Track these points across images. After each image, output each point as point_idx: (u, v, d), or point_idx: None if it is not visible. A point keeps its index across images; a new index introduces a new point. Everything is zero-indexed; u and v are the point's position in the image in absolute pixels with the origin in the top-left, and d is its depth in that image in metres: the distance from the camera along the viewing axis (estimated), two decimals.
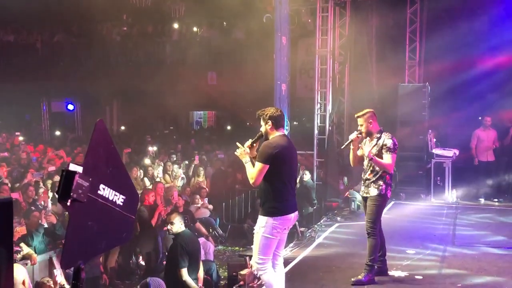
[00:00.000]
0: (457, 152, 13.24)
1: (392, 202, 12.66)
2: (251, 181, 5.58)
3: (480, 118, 14.34)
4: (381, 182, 6.87)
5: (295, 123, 17.59)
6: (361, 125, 6.99)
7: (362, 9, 15.31)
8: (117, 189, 1.92)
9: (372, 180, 6.93)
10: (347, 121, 15.35)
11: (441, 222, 10.74)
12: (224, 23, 20.86)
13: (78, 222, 1.81)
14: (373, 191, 6.90)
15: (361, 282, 6.89)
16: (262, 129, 5.69)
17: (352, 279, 6.98)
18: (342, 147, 7.50)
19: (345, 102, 15.37)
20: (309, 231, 9.95)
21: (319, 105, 14.90)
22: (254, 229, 5.73)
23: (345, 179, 14.65)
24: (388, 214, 11.59)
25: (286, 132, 12.14)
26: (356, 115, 7.13)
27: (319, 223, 10.94)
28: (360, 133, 7.06)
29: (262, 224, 5.52)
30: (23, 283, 5.59)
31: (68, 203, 1.68)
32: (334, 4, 14.92)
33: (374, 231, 6.96)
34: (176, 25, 21.98)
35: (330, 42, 14.87)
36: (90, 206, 1.78)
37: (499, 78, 14.04)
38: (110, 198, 1.90)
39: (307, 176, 13.01)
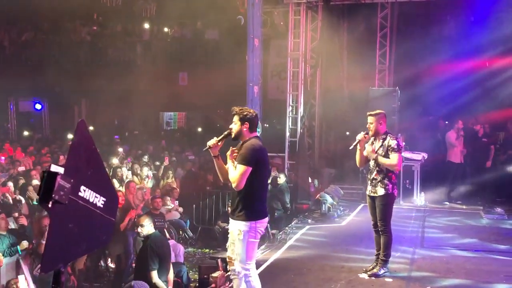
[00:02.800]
0: (425, 155, 13.42)
1: (362, 205, 12.77)
2: (234, 184, 5.40)
3: (446, 122, 14.57)
4: (387, 182, 7.14)
5: (266, 125, 17.61)
6: (371, 124, 7.24)
7: (334, 13, 15.45)
8: (98, 191, 1.89)
9: (378, 180, 7.19)
10: (318, 123, 15.45)
11: (410, 225, 10.85)
12: (198, 23, 20.75)
13: (59, 224, 1.77)
14: (380, 191, 7.20)
15: (377, 274, 7.28)
16: (235, 127, 5.54)
17: (368, 272, 7.33)
18: (350, 148, 7.55)
19: (316, 105, 15.47)
20: (280, 233, 9.95)
21: (290, 107, 14.96)
22: (232, 234, 5.53)
23: (316, 181, 14.73)
24: (358, 217, 11.71)
25: (258, 135, 12.21)
26: (368, 113, 7.33)
27: (290, 225, 10.95)
28: (367, 133, 7.29)
29: (245, 229, 5.38)
30: None
31: (50, 205, 1.64)
32: (306, 7, 15.02)
33: (386, 228, 7.33)
34: (147, 25, 21.81)
35: (302, 45, 14.96)
36: (71, 208, 1.75)
37: (468, 82, 14.29)
38: (91, 200, 1.86)
39: (281, 179, 13.00)
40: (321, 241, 9.57)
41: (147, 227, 7.73)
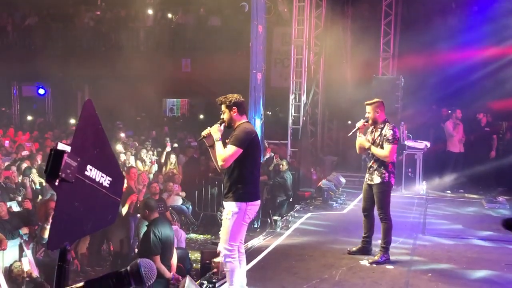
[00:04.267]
0: (428, 144, 13.43)
1: None
2: (220, 163, 5.49)
3: (449, 111, 14.57)
4: (383, 170, 7.23)
5: (269, 112, 17.60)
6: (369, 113, 7.28)
7: (338, 0, 15.38)
8: (104, 171, 1.90)
9: (375, 167, 7.29)
10: (321, 111, 15.44)
11: (411, 213, 10.89)
12: (201, 9, 20.67)
13: (66, 203, 1.78)
14: (377, 179, 7.29)
15: (378, 262, 7.34)
16: (225, 116, 5.61)
17: (370, 260, 7.39)
18: (349, 135, 7.63)
19: (319, 93, 15.45)
20: (282, 220, 9.98)
21: (293, 95, 14.94)
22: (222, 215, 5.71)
23: (318, 169, 14.74)
24: (359, 205, 11.70)
25: (260, 122, 12.23)
26: (365, 103, 7.36)
27: (292, 212, 10.98)
28: (367, 121, 7.34)
29: (235, 210, 5.45)
30: None
31: (56, 183, 1.65)
32: None
33: (385, 216, 7.42)
34: (150, 11, 21.72)
35: (306, 32, 14.92)
36: (77, 187, 1.76)
37: (472, 72, 14.25)
38: (97, 180, 1.87)
39: (284, 167, 13.02)
40: (323, 228, 9.60)
41: (150, 212, 7.75)
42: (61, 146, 1.68)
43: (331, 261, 7.53)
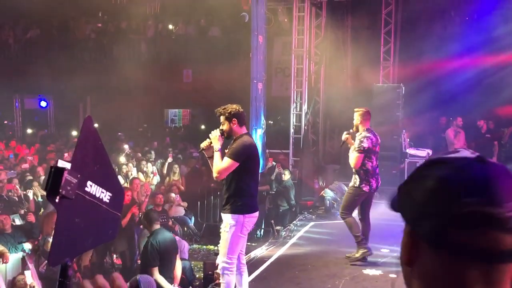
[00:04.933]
0: (430, 152, 13.43)
1: None
2: (215, 174, 5.53)
3: (451, 118, 14.58)
4: (357, 176, 7.66)
5: (270, 122, 17.64)
6: (354, 120, 7.76)
7: (338, 10, 15.46)
8: (104, 186, 1.91)
9: (354, 171, 7.74)
10: (322, 120, 15.46)
11: None
12: (202, 20, 20.77)
13: (66, 219, 1.79)
14: (351, 182, 7.82)
15: (358, 258, 7.69)
16: (224, 127, 5.59)
17: (350, 259, 7.78)
18: (340, 146, 8.63)
19: (320, 102, 15.48)
20: (285, 230, 9.98)
21: (295, 104, 14.98)
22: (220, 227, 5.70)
23: (320, 178, 14.75)
24: None
25: (261, 131, 12.25)
26: (354, 109, 7.88)
27: (294, 222, 10.98)
28: (348, 133, 7.78)
29: (232, 222, 5.45)
30: None
31: (57, 200, 1.67)
32: (310, 4, 15.03)
33: (343, 215, 7.82)
34: (151, 22, 21.84)
35: (306, 42, 14.98)
36: (78, 203, 1.77)
37: (473, 79, 14.26)
38: (97, 195, 1.88)
39: (286, 176, 13.03)
40: (326, 238, 9.60)
41: (151, 224, 7.74)
42: (61, 163, 1.69)
43: (334, 270, 7.52)
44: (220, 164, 5.48)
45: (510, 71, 14.32)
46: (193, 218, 12.64)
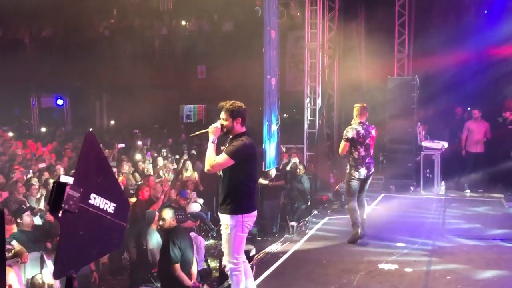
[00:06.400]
0: (446, 144, 13.34)
1: (382, 195, 12.77)
2: (207, 167, 5.50)
3: (469, 108, 14.46)
4: (348, 163, 8.87)
5: (285, 115, 17.62)
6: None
7: (351, 2, 15.35)
8: (108, 197, 1.94)
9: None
10: (337, 114, 15.40)
11: (430, 215, 10.82)
12: (215, 16, 20.78)
13: (70, 232, 1.83)
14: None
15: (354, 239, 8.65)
16: (226, 123, 5.54)
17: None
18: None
19: (334, 96, 15.42)
20: (300, 225, 9.99)
21: (308, 98, 14.95)
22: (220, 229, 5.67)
23: (335, 173, 14.71)
24: (378, 207, 11.69)
25: (276, 127, 12.24)
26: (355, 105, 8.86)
27: (309, 217, 10.98)
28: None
29: (232, 223, 5.43)
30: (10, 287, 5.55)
31: (60, 214, 1.70)
32: None
33: (346, 201, 9.16)
34: (164, 19, 21.89)
35: (319, 36, 14.92)
36: (81, 215, 1.80)
37: (488, 71, 14.12)
38: (101, 207, 1.92)
39: (301, 171, 13.02)
40: (341, 233, 9.56)
41: (168, 221, 7.80)
42: (64, 179, 1.73)
43: (350, 266, 7.52)
44: (215, 158, 5.46)
45: None
46: (209, 213, 12.68)
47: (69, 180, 1.74)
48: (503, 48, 14.14)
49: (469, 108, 14.53)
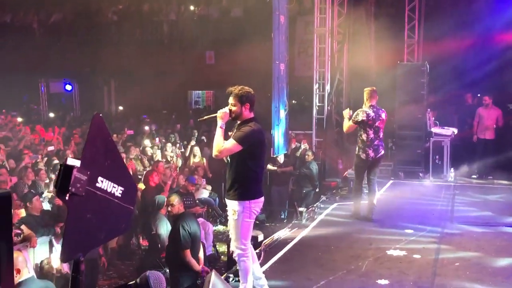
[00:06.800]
0: (455, 131, 13.27)
1: (391, 181, 12.73)
2: (215, 153, 5.46)
3: (479, 95, 14.35)
4: (356, 145, 9.17)
5: (294, 101, 17.56)
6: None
7: None
8: (116, 181, 1.93)
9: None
10: (346, 100, 15.32)
11: (439, 201, 10.77)
12: (223, 1, 20.67)
13: (77, 215, 1.82)
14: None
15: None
16: (235, 109, 5.49)
17: None
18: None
19: (343, 82, 15.33)
20: (308, 211, 9.97)
21: (317, 84, 14.86)
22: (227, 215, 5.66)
23: (344, 159, 14.66)
24: (386, 194, 11.65)
25: (284, 113, 12.20)
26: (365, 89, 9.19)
27: (318, 203, 10.96)
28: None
29: (240, 209, 5.41)
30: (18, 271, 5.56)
31: (67, 197, 1.69)
32: None
33: (354, 183, 9.48)
34: (173, 4, 21.81)
35: (328, 21, 14.78)
36: (88, 199, 1.79)
37: (499, 57, 13.98)
38: (109, 190, 1.91)
39: (309, 157, 13.01)
40: (349, 219, 9.54)
41: (177, 207, 7.80)
42: (70, 161, 1.71)
43: (358, 252, 7.51)
44: (223, 143, 5.43)
45: None
46: (217, 199, 12.70)
47: (76, 163, 1.73)
48: None
49: (479, 95, 14.42)
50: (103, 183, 1.86)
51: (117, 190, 1.95)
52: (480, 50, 14.12)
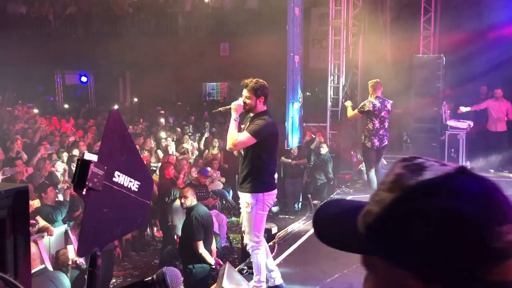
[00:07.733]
0: (471, 123, 13.15)
1: None
2: (229, 145, 5.48)
3: (492, 89, 14.23)
4: (362, 134, 9.72)
5: (308, 93, 17.51)
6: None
7: None
8: (132, 175, 1.94)
9: None
10: (360, 92, 15.24)
11: None
12: None
13: (94, 210, 1.83)
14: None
15: None
16: (249, 101, 5.49)
17: None
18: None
19: (358, 74, 15.25)
20: (322, 203, 9.96)
21: (332, 77, 14.79)
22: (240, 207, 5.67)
23: (358, 151, 14.62)
24: None
25: (298, 105, 12.18)
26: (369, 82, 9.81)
27: (332, 195, 10.95)
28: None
29: (253, 201, 5.41)
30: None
31: (84, 192, 1.70)
32: None
33: (366, 172, 9.96)
34: None
35: (344, 13, 14.69)
36: (105, 193, 1.80)
37: None
38: (125, 185, 1.92)
39: (324, 149, 12.99)
40: None
41: (190, 199, 7.83)
42: (87, 156, 1.72)
43: None
44: (238, 137, 5.43)
45: None
46: (231, 191, 12.72)
47: (93, 157, 1.74)
48: None
49: (492, 89, 14.28)
50: (120, 178, 1.87)
51: (134, 185, 1.95)
52: (497, 42, 13.94)
